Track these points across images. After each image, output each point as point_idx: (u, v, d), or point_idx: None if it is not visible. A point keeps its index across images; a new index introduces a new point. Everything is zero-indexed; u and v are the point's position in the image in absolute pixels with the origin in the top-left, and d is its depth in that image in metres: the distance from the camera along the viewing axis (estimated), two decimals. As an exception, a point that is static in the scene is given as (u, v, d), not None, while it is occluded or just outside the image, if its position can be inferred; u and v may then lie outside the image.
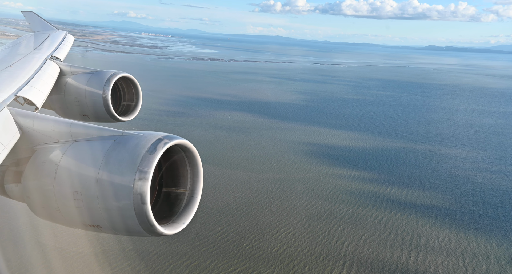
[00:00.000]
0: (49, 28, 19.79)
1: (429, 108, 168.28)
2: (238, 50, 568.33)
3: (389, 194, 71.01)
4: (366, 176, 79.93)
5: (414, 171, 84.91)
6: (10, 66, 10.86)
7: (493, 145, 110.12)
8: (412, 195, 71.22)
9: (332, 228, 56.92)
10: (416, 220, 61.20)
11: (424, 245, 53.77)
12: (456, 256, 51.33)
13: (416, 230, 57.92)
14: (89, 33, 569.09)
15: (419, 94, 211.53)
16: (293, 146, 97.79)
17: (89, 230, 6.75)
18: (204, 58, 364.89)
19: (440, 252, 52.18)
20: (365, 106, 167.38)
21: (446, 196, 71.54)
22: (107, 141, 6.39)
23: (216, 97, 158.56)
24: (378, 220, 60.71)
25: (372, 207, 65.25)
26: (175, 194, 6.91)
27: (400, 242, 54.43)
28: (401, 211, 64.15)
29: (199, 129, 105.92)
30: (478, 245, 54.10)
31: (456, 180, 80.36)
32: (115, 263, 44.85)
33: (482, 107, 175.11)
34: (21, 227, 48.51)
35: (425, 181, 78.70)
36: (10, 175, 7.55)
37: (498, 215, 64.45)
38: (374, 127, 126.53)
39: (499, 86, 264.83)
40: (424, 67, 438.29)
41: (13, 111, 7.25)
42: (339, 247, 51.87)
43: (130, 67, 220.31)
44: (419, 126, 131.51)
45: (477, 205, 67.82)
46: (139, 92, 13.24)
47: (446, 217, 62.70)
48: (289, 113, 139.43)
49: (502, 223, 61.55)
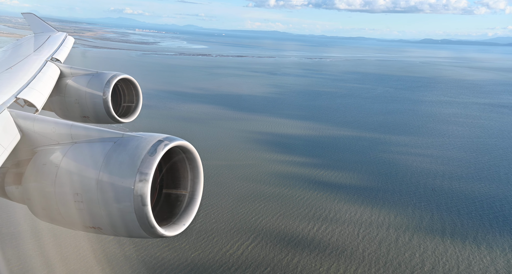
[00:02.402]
0: (49, 30, 19.99)
1: (396, 100, 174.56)
2: (230, 46, 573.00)
3: (320, 177, 77.66)
4: (306, 161, 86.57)
5: (354, 157, 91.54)
6: (11, 68, 10.94)
7: (439, 133, 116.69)
8: (341, 178, 77.89)
9: (254, 207, 63.55)
10: (334, 198, 67.90)
11: (331, 218, 60.55)
12: (354, 226, 58.16)
13: (331, 206, 64.64)
14: (81, 30, 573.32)
15: (394, 86, 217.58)
16: (248, 135, 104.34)
17: (90, 232, 6.80)
18: (191, 53, 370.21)
19: (342, 223, 58.99)
20: (336, 98, 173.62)
21: (372, 178, 78.22)
22: (107, 142, 6.46)
23: (189, 91, 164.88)
24: (300, 199, 67.40)
25: (299, 188, 71.89)
26: (175, 196, 6.96)
27: (312, 216, 61.19)
28: (325, 191, 70.79)
29: (160, 121, 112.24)
30: (378, 217, 60.93)
31: (388, 164, 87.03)
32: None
33: (448, 98, 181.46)
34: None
35: (360, 166, 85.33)
36: (10, 177, 7.58)
37: (409, 191, 71.25)
38: (335, 117, 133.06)
39: (475, 78, 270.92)
40: (411, 60, 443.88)
41: (14, 113, 7.30)
42: (253, 222, 58.48)
43: (111, 62, 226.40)
44: (379, 117, 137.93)
45: (394, 184, 74.59)
46: (139, 94, 13.41)
47: (363, 195, 69.38)
48: (257, 105, 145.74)
49: (409, 198, 68.33)
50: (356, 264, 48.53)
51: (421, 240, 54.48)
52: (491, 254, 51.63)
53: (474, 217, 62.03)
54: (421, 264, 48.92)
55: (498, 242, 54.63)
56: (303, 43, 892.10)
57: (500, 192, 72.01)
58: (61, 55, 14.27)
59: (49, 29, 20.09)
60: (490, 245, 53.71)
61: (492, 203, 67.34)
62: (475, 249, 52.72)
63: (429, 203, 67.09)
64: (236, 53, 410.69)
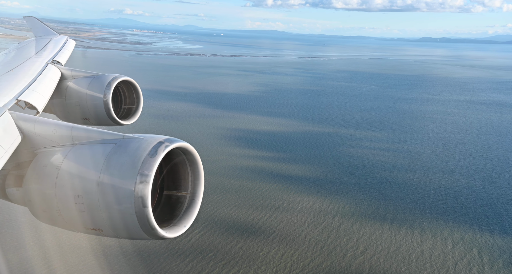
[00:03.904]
0: (50, 33, 20.16)
1: (378, 98, 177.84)
2: (226, 45, 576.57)
3: (284, 171, 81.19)
4: (273, 156, 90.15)
5: (322, 152, 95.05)
6: (12, 70, 11.00)
7: (411, 129, 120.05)
8: (304, 171, 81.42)
9: (211, 199, 66.74)
10: (291, 190, 71.43)
11: (283, 208, 64.14)
12: (303, 214, 61.75)
13: (286, 197, 68.20)
14: (79, 31, 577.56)
15: (380, 85, 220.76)
16: (222, 132, 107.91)
17: (90, 233, 6.82)
18: (185, 53, 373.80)
19: (293, 212, 62.59)
20: (319, 96, 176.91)
21: (333, 171, 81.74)
22: (108, 144, 6.50)
23: (174, 89, 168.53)
24: (258, 190, 70.97)
25: (260, 181, 75.41)
26: (176, 197, 7.02)
27: (265, 206, 64.77)
28: (284, 184, 74.25)
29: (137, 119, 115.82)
30: (328, 206, 64.50)
31: (353, 158, 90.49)
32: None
33: (430, 96, 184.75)
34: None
35: (324, 160, 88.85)
36: (11, 179, 7.62)
37: (364, 183, 74.69)
38: (313, 115, 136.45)
39: (462, 76, 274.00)
40: (405, 59, 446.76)
41: (15, 115, 7.33)
42: (207, 213, 61.39)
43: (102, 62, 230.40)
44: (357, 114, 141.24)
45: (352, 177, 78.08)
46: (140, 96, 13.60)
47: (320, 187, 72.86)
48: (238, 103, 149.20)
49: (363, 189, 71.80)
50: (295, 248, 52.10)
51: (362, 226, 58.09)
52: (422, 237, 55.25)
53: (417, 205, 65.61)
54: (355, 247, 52.50)
55: (432, 227, 58.22)
56: (301, 43, 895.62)
57: (449, 183, 75.50)
58: (62, 58, 14.50)
59: (50, 32, 20.32)
60: (423, 230, 57.33)
61: (438, 193, 70.85)
62: (409, 233, 56.32)
63: (381, 193, 70.63)
64: (231, 53, 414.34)
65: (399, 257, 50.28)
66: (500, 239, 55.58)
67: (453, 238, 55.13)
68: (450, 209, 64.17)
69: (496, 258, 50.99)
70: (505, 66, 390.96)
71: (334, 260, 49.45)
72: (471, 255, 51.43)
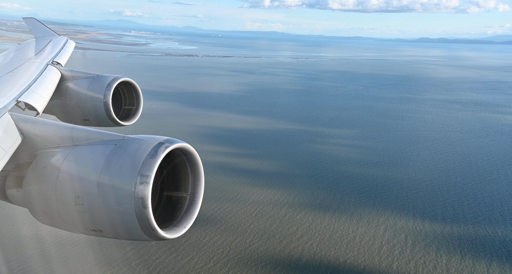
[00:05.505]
0: (50, 34, 20.17)
1: (360, 97, 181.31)
2: (221, 46, 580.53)
3: (247, 166, 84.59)
4: (240, 152, 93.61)
5: (289, 148, 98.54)
6: (12, 71, 10.95)
7: (382, 127, 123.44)
8: (266, 166, 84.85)
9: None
10: (249, 183, 74.79)
11: (237, 199, 67.56)
12: (254, 205, 65.17)
13: (242, 190, 71.59)
14: (75, 32, 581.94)
15: (364, 84, 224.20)
16: (196, 130, 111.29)
17: (91, 234, 6.84)
18: (178, 54, 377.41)
19: (244, 203, 66.05)
20: (301, 96, 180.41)
21: (295, 166, 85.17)
22: (108, 145, 6.53)
23: (156, 89, 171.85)
24: (217, 184, 74.17)
25: (222, 175, 78.62)
26: (176, 198, 7.08)
27: (220, 198, 68.13)
28: (244, 178, 77.56)
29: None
30: (279, 198, 67.89)
31: (317, 154, 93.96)
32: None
33: (410, 95, 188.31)
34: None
35: (289, 156, 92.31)
36: (11, 180, 7.62)
37: (322, 177, 78.23)
38: (290, 114, 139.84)
39: (448, 76, 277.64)
40: (397, 59, 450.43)
41: (15, 116, 7.31)
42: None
43: (92, 63, 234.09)
44: (334, 113, 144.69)
45: (311, 171, 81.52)
46: (140, 97, 13.79)
47: (277, 181, 76.25)
48: (219, 103, 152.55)
49: (318, 183, 75.28)
50: (237, 235, 55.54)
51: (305, 216, 61.60)
52: (358, 225, 58.77)
53: (363, 196, 69.14)
54: (294, 234, 55.98)
55: (370, 216, 61.76)
56: (298, 43, 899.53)
57: (399, 177, 78.99)
58: (62, 59, 14.53)
59: (50, 33, 20.32)
60: (361, 218, 60.89)
61: (386, 185, 74.33)
62: (347, 221, 59.84)
63: (334, 186, 74.09)
64: (224, 54, 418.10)
65: (331, 242, 53.77)
66: (429, 225, 59.24)
67: (386, 225, 58.73)
68: (392, 200, 67.73)
69: (419, 241, 54.67)
70: (495, 66, 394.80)
71: (270, 246, 52.91)
72: (398, 239, 55.06)
